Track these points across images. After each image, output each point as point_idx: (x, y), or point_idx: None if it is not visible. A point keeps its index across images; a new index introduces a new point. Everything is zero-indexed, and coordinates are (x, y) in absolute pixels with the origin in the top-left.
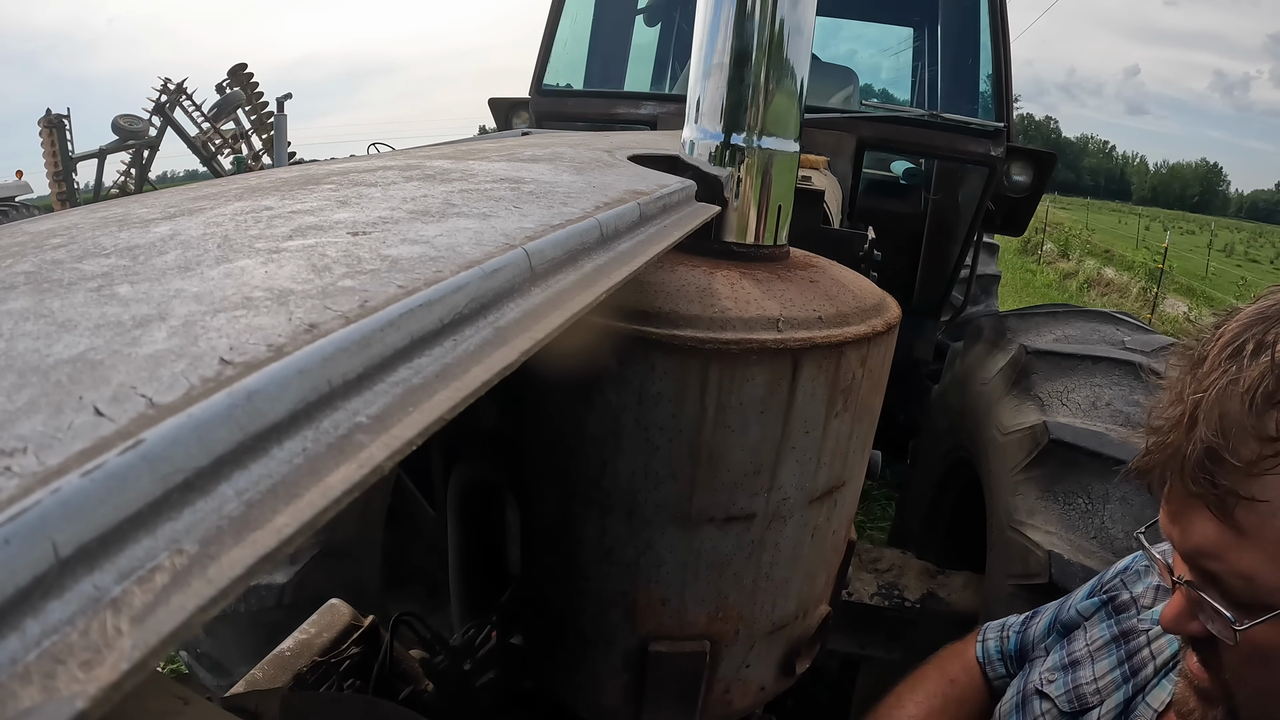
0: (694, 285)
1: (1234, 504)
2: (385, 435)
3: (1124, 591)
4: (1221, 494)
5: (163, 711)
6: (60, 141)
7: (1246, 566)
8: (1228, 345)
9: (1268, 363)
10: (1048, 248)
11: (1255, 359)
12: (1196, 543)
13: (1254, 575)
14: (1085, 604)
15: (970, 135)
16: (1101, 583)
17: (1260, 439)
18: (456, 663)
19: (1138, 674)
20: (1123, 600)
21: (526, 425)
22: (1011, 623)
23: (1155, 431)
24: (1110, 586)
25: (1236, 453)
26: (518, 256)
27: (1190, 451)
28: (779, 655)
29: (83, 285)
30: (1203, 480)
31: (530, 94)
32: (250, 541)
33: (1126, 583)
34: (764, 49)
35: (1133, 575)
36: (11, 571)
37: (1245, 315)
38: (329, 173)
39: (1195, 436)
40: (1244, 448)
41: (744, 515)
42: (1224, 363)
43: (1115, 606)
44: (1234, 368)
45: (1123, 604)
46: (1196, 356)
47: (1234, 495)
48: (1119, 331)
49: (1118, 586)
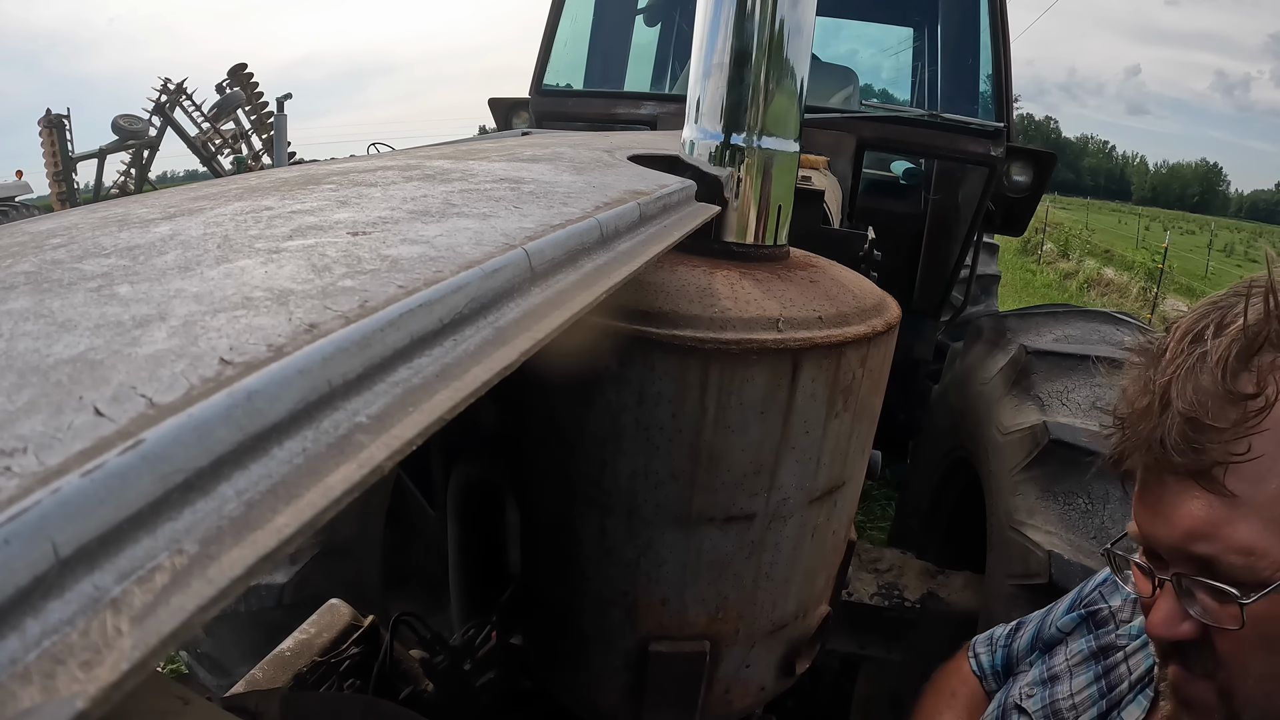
0: (694, 285)
1: (1223, 471)
2: (385, 435)
3: (1103, 605)
4: (1209, 462)
5: (163, 711)
6: (60, 141)
7: (1244, 538)
8: (1186, 334)
9: (1234, 333)
10: (1048, 248)
11: (1219, 336)
12: (1186, 526)
13: (1253, 546)
14: (1065, 620)
15: (970, 135)
16: (1081, 596)
17: (1238, 402)
18: (456, 663)
19: (1113, 690)
20: (1102, 615)
21: (527, 425)
22: (998, 635)
23: (1124, 423)
24: (1089, 600)
25: (1218, 417)
26: (518, 256)
27: (1168, 430)
28: (779, 655)
29: (83, 285)
30: (1187, 451)
31: (530, 94)
32: (250, 541)
33: (1105, 594)
34: (764, 49)
35: (1110, 586)
36: (11, 571)
37: (1196, 309)
38: (329, 173)
39: (1170, 414)
40: (1223, 414)
41: (744, 515)
42: (1186, 347)
43: (1095, 621)
44: (1197, 349)
45: (1102, 618)
46: (1155, 351)
47: (1223, 459)
48: (1119, 332)
49: (1096, 599)
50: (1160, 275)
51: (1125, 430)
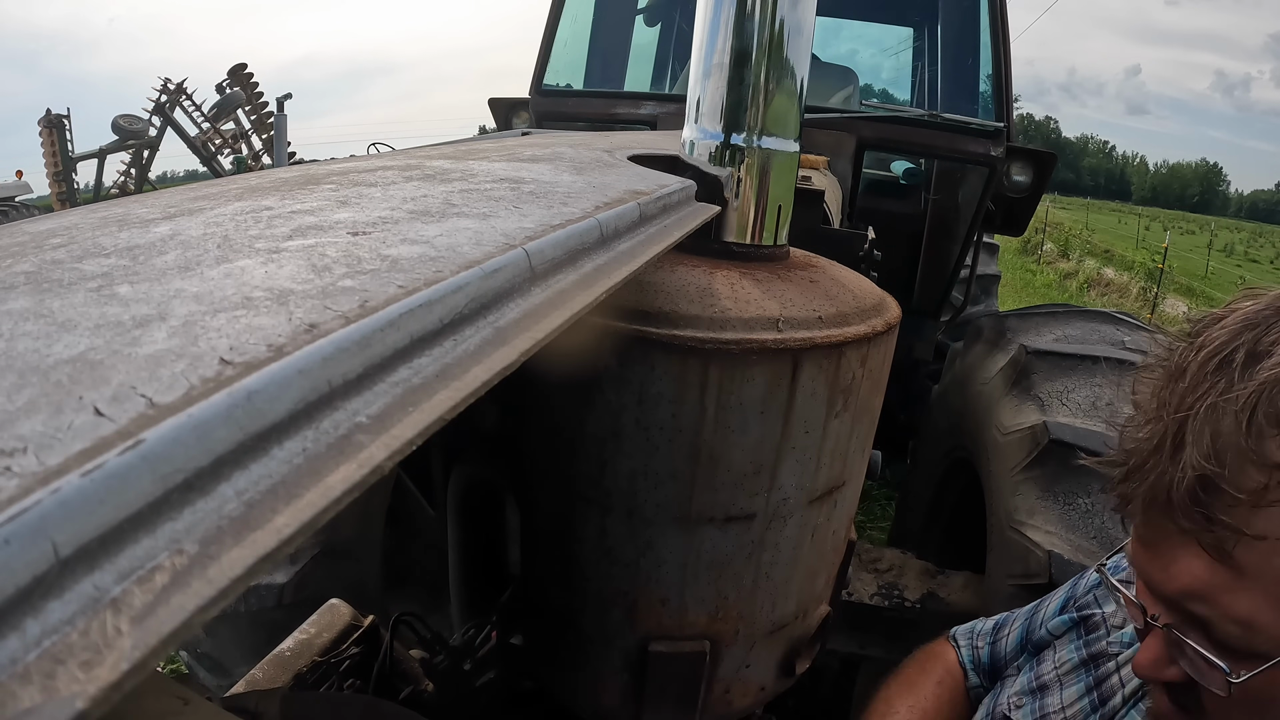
0: (694, 285)
1: (1234, 542)
2: (385, 435)
3: (1096, 609)
4: (1219, 532)
5: (163, 711)
6: (60, 141)
7: (1244, 611)
8: (1213, 356)
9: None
10: (1048, 248)
11: (1248, 372)
12: (1184, 584)
13: (1252, 620)
14: (1056, 622)
15: (970, 135)
16: (1074, 596)
17: (1262, 466)
18: (456, 663)
19: (1106, 703)
20: (1094, 619)
21: (527, 425)
22: (981, 630)
23: (1130, 455)
24: (1082, 603)
25: (1235, 483)
26: (518, 256)
27: (1178, 481)
28: (779, 655)
29: (83, 285)
30: (1196, 516)
31: (530, 94)
32: (250, 541)
33: (1099, 599)
34: (764, 49)
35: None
36: (11, 571)
37: (1229, 322)
38: (329, 173)
39: (1183, 462)
40: (1244, 477)
41: (744, 515)
42: (1210, 376)
43: (1086, 626)
44: (1222, 381)
45: (1094, 624)
46: (1174, 368)
47: (1234, 532)
48: (1119, 331)
49: (1090, 603)
50: (1160, 275)
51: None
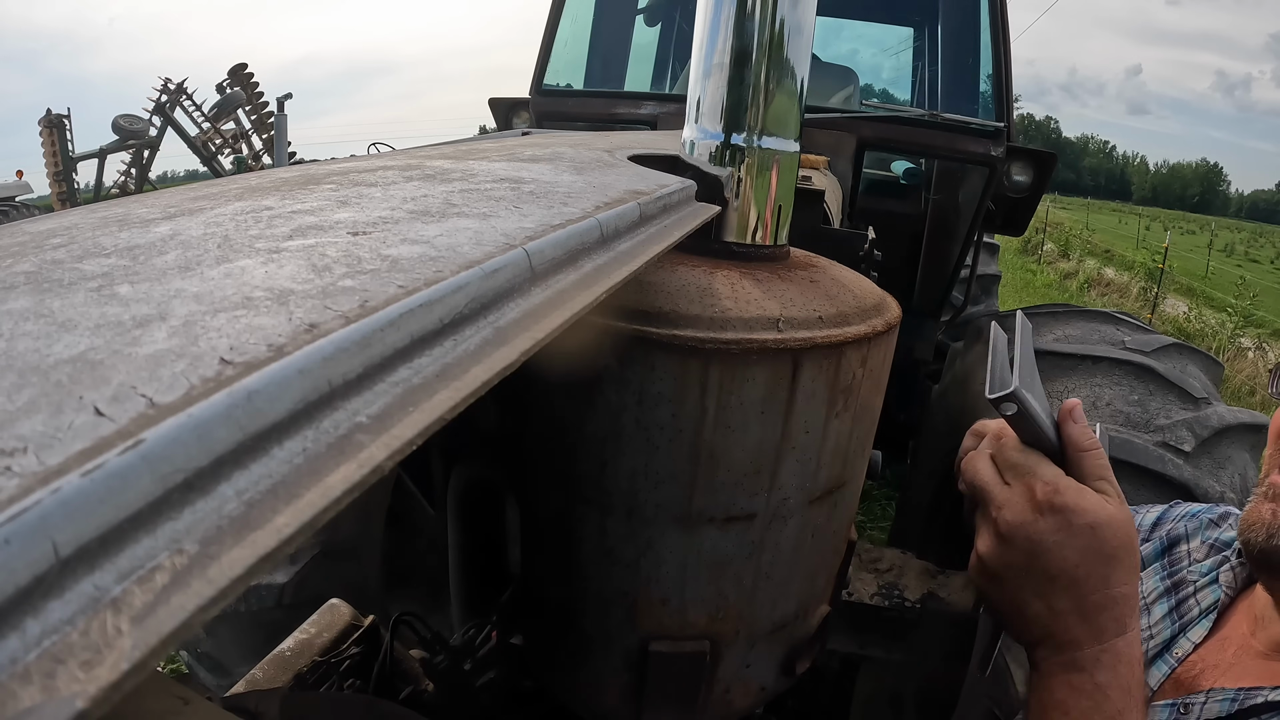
0: (694, 285)
1: None
2: (385, 435)
3: (1184, 542)
4: None
5: (163, 711)
6: (60, 141)
7: None
8: None
9: None
10: (1048, 248)
11: None
12: None
13: None
14: (1145, 549)
15: (970, 135)
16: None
17: None
18: (456, 663)
19: (1184, 618)
20: (1179, 551)
21: (527, 425)
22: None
23: None
24: (1173, 534)
25: None
26: (518, 256)
27: None
28: (779, 655)
29: (83, 285)
30: None
31: (530, 94)
32: (250, 541)
33: (1189, 532)
34: (764, 49)
35: (1195, 525)
36: (11, 571)
37: None
38: (329, 173)
39: None
40: None
41: (744, 515)
42: None
43: (1171, 558)
44: None
45: (1178, 556)
46: None
47: None
48: (1119, 331)
49: (1180, 536)
50: (1160, 275)
51: None
